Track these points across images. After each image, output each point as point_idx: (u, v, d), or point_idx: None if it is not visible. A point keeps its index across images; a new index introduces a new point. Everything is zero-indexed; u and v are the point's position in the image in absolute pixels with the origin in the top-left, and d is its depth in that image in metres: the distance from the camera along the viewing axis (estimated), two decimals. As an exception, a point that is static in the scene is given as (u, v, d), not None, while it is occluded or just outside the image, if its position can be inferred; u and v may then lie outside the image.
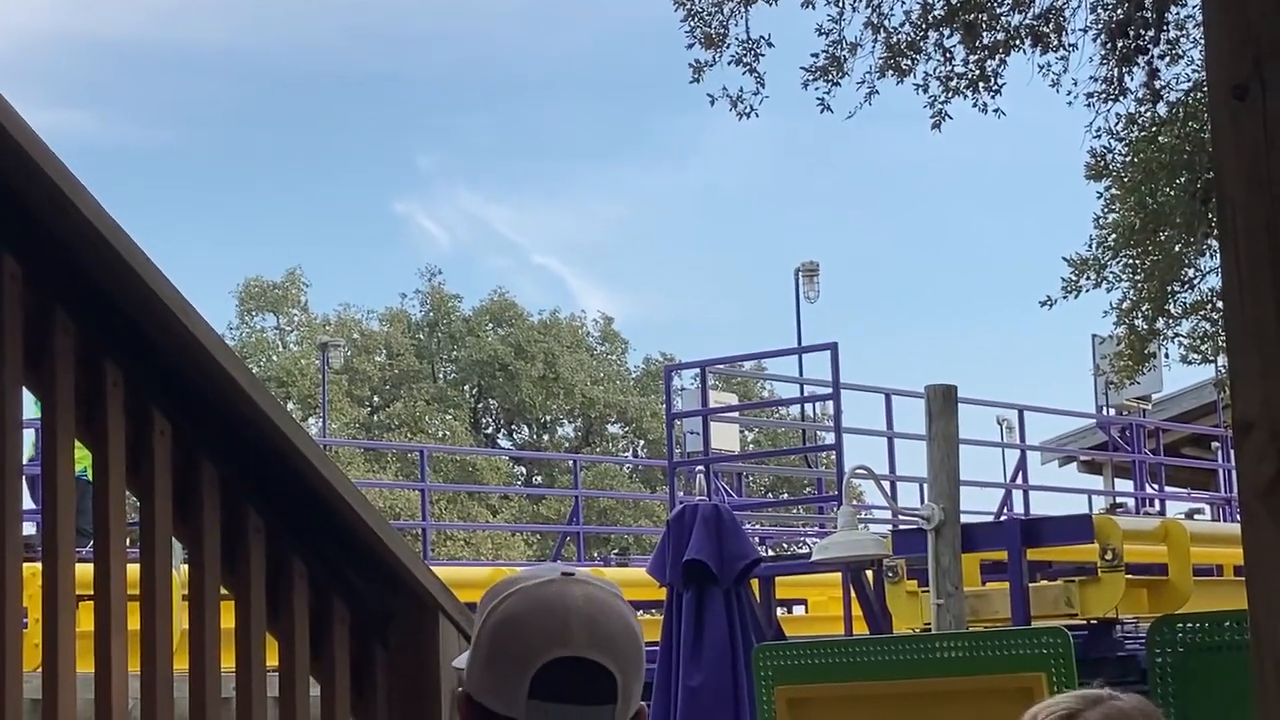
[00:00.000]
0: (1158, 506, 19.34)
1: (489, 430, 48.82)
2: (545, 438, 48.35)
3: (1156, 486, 20.14)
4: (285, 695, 3.45)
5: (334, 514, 3.37)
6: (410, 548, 3.59)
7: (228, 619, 3.45)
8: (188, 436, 3.26)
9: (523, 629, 1.89)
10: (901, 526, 13.17)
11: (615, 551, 24.53)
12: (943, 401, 10.81)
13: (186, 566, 3.48)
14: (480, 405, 48.54)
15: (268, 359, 45.74)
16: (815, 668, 3.97)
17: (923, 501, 14.50)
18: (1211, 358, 15.46)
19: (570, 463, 34.47)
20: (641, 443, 47.68)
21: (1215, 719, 2.67)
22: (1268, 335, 2.26)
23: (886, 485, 14.11)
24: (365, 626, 3.52)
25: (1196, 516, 18.11)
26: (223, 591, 3.46)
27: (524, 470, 46.60)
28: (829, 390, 13.94)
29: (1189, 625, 2.74)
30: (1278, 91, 2.31)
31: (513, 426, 49.23)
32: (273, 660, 3.52)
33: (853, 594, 12.21)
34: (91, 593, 3.34)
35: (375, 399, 46.96)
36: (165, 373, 3.19)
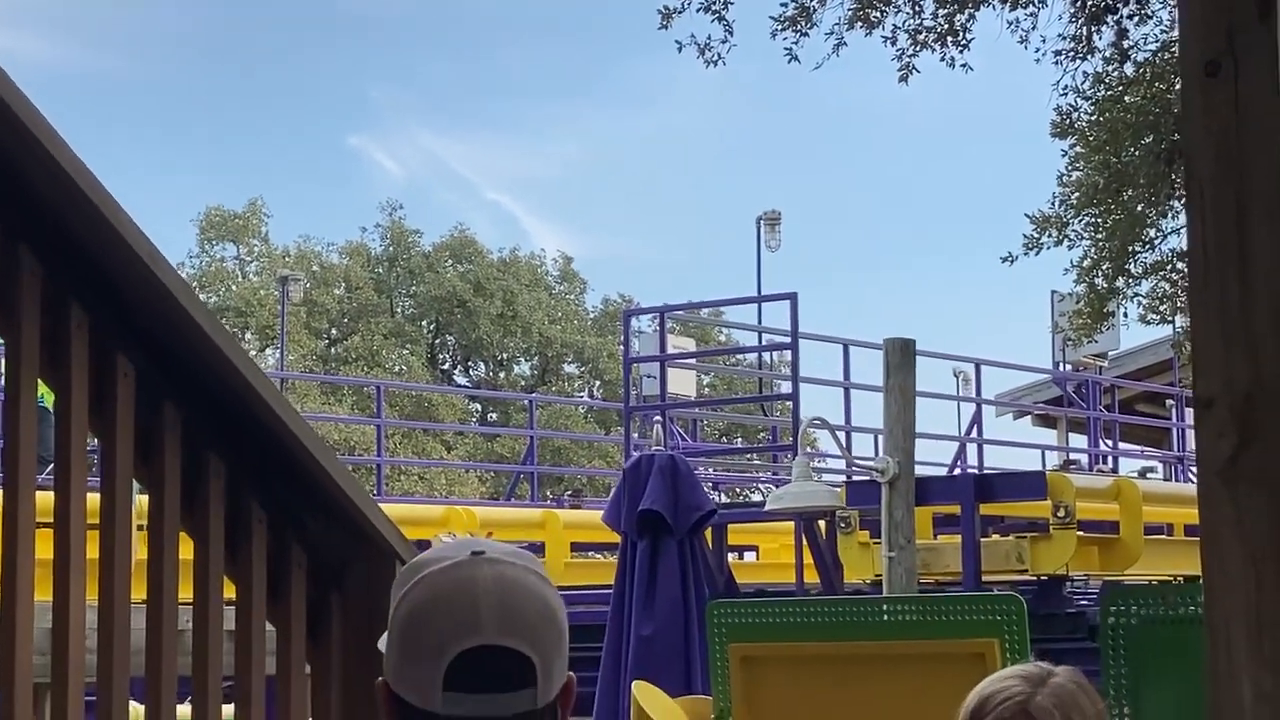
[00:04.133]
0: (1111, 463, 19.45)
1: (445, 366, 48.75)
2: (502, 375, 48.33)
3: (1110, 443, 20.25)
4: (241, 635, 3.45)
5: (294, 460, 3.36)
6: (369, 495, 3.59)
7: (185, 550, 3.43)
8: (151, 379, 3.25)
9: (432, 620, 1.82)
10: (855, 478, 13.23)
11: (569, 493, 24.53)
12: (900, 355, 10.83)
13: (144, 497, 3.46)
14: (438, 341, 48.46)
15: (227, 289, 45.55)
16: (769, 626, 3.98)
17: (877, 452, 14.55)
18: (1170, 318, 15.50)
19: (525, 401, 34.45)
20: (598, 383, 47.71)
21: (1165, 688, 2.69)
22: (1231, 314, 2.26)
23: (841, 436, 14.16)
24: (322, 573, 3.52)
25: (1149, 474, 18.24)
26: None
27: (479, 407, 46.57)
28: (787, 339, 13.96)
29: (1143, 597, 2.77)
30: (1249, 68, 2.30)
31: (469, 363, 49.18)
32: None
33: (805, 543, 12.24)
34: (51, 520, 3.32)
35: (333, 332, 46.83)
36: (130, 315, 3.17)
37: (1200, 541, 2.23)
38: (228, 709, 3.44)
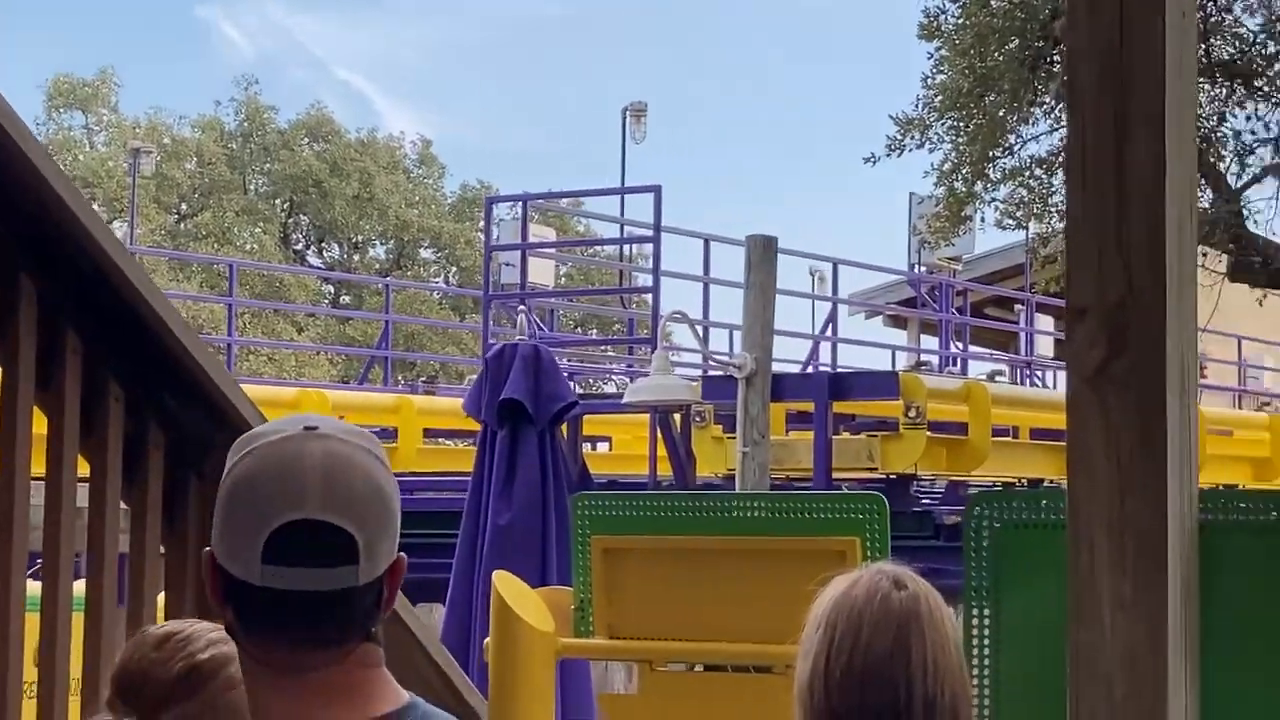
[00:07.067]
0: (960, 365, 19.72)
1: (299, 246, 48.19)
2: (356, 258, 47.88)
3: (960, 345, 20.52)
4: (94, 516, 3.39)
5: (155, 338, 3.29)
6: (232, 377, 3.53)
7: (39, 425, 3.34)
8: (6, 249, 3.16)
9: (256, 491, 1.82)
10: (711, 373, 13.30)
11: (423, 379, 24.44)
12: (763, 252, 10.88)
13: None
14: (291, 220, 47.83)
15: (74, 159, 44.57)
16: (633, 519, 4.00)
17: (731, 348, 14.62)
18: (1025, 223, 15.72)
19: (380, 285, 34.14)
20: (453, 269, 47.43)
21: (1027, 594, 2.73)
22: (1107, 225, 2.29)
23: (699, 331, 14.21)
24: (181, 454, 3.46)
25: (997, 378, 18.50)
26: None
27: (332, 289, 46.13)
28: (649, 232, 13.94)
29: (1007, 502, 2.80)
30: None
31: (323, 244, 48.65)
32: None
33: (659, 435, 12.30)
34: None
35: (184, 207, 46.07)
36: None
37: (1066, 449, 2.26)
38: (79, 585, 3.39)
